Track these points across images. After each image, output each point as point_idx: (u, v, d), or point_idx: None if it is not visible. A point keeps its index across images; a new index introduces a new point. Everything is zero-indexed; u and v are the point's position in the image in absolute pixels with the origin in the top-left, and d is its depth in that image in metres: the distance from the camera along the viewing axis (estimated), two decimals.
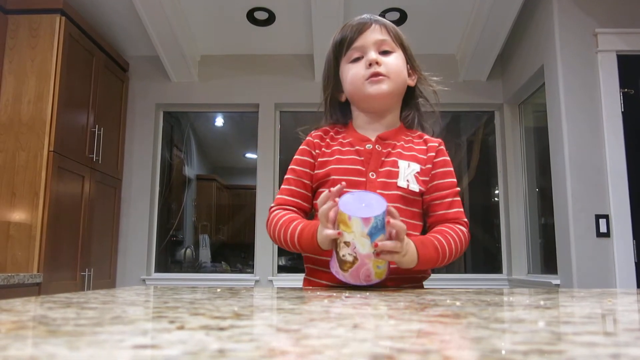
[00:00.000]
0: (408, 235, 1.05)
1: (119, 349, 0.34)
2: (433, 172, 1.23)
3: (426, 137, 1.29)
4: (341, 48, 1.24)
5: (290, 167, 1.28)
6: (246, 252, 4.41)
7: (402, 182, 1.18)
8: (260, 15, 3.74)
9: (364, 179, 1.18)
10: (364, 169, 1.19)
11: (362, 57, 1.22)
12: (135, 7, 3.40)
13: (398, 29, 1.27)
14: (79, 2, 3.53)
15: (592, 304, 0.71)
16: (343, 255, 0.97)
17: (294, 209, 1.23)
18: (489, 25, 3.53)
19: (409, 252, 1.03)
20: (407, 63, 1.27)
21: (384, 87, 1.20)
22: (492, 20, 3.49)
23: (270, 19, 3.77)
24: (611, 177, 2.93)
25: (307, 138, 1.30)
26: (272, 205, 1.25)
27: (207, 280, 4.20)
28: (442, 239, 1.12)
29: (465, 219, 1.23)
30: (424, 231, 1.25)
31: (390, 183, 1.18)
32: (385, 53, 1.22)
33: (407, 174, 1.19)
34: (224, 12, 3.72)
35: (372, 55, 1.20)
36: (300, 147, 1.30)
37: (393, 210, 0.98)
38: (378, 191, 1.16)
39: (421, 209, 1.24)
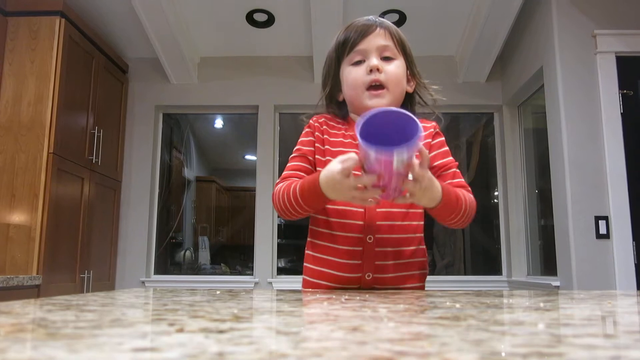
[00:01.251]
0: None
1: (118, 352, 0.34)
2: (432, 153, 1.24)
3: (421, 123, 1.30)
4: (344, 49, 1.25)
5: (296, 147, 1.29)
6: (245, 254, 4.41)
7: None
8: (260, 17, 3.74)
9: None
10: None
11: (364, 60, 1.22)
12: (135, 9, 3.40)
13: (402, 34, 1.27)
14: (79, 4, 3.54)
15: (592, 306, 0.71)
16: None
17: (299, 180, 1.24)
18: (488, 26, 3.54)
19: (433, 187, 1.02)
20: (408, 69, 1.27)
21: (383, 101, 1.21)
22: (491, 21, 3.49)
23: (270, 20, 3.78)
24: (611, 178, 2.93)
25: (309, 121, 1.32)
26: (278, 180, 1.26)
27: (206, 282, 4.19)
28: (462, 195, 1.13)
29: (469, 188, 1.23)
30: (427, 218, 1.25)
31: None
32: (386, 59, 1.22)
33: None
34: (223, 14, 3.72)
35: (374, 61, 1.20)
36: (304, 130, 1.32)
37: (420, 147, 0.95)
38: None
39: (419, 209, 1.24)
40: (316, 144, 1.27)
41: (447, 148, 1.28)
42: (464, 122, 4.64)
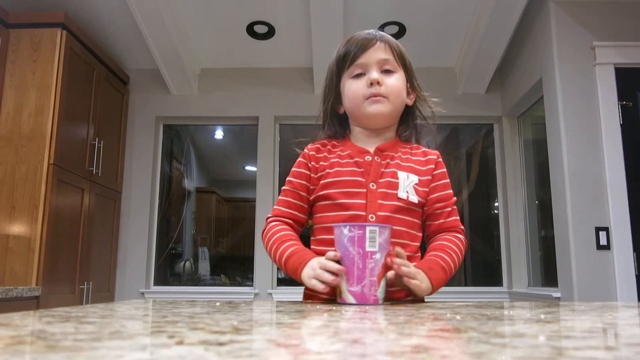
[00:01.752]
0: (409, 258, 1.09)
1: None
2: (433, 184, 1.26)
3: (424, 148, 1.31)
4: (344, 62, 1.25)
5: (287, 179, 1.30)
6: (245, 264, 4.40)
7: (402, 194, 1.20)
8: (260, 29, 3.76)
9: (364, 190, 1.19)
10: (364, 180, 1.21)
11: (364, 74, 1.23)
12: (136, 20, 3.42)
13: (402, 47, 1.28)
14: (80, 16, 3.56)
15: (593, 317, 0.71)
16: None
17: (290, 221, 1.26)
18: (487, 38, 3.56)
19: (423, 281, 1.08)
20: (407, 82, 1.28)
21: (382, 108, 1.22)
22: (491, 33, 3.51)
23: (270, 32, 3.80)
24: (611, 189, 2.93)
25: (304, 151, 1.31)
26: (269, 215, 1.28)
27: (206, 294, 4.18)
28: (444, 255, 1.17)
29: (462, 227, 1.28)
30: (422, 241, 1.27)
31: (391, 194, 1.19)
32: (386, 72, 1.23)
33: (407, 185, 1.21)
34: (224, 26, 3.74)
35: (374, 74, 1.21)
36: (297, 159, 1.31)
37: (399, 251, 1.06)
38: (379, 201, 1.18)
39: (420, 219, 1.26)
40: (312, 175, 1.27)
41: (447, 180, 1.29)
42: (464, 133, 4.65)
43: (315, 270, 1.04)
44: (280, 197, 1.29)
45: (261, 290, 3.95)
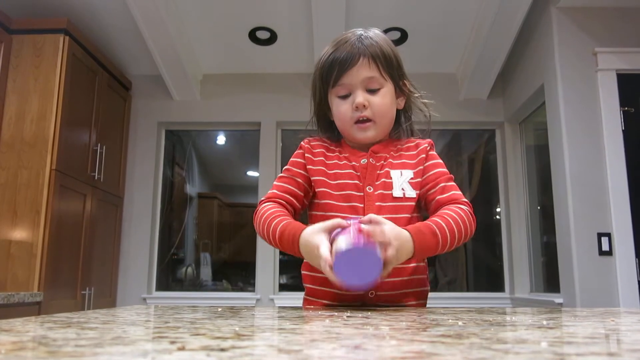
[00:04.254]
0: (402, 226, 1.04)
1: None
2: (423, 167, 1.24)
3: (417, 141, 1.29)
4: (329, 79, 1.23)
5: (285, 167, 1.30)
6: (247, 270, 4.39)
7: (397, 192, 1.19)
8: (262, 35, 3.78)
9: (361, 194, 1.19)
10: (361, 184, 1.20)
11: (350, 94, 1.21)
12: (139, 26, 3.43)
13: (387, 51, 1.23)
14: (83, 22, 3.57)
15: (595, 323, 0.70)
16: None
17: (285, 203, 1.23)
18: (489, 44, 3.56)
19: (403, 245, 1.01)
20: (396, 88, 1.26)
21: (369, 134, 1.23)
22: (492, 39, 3.51)
23: (272, 38, 3.81)
24: (613, 195, 2.93)
25: (302, 143, 1.32)
26: (263, 198, 1.25)
27: (208, 299, 4.17)
28: (440, 221, 1.09)
29: (465, 199, 1.20)
30: None
31: (387, 194, 1.19)
32: (372, 91, 1.21)
33: (401, 183, 1.20)
34: (226, 32, 3.75)
35: (359, 98, 1.19)
36: (296, 150, 1.33)
37: (374, 217, 1.01)
38: (376, 204, 1.17)
39: (419, 213, 1.24)
40: (308, 166, 1.26)
41: (439, 161, 1.26)
42: (466, 139, 4.64)
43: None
44: (275, 183, 1.27)
45: (263, 295, 3.94)
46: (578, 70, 3.11)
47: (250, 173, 5.12)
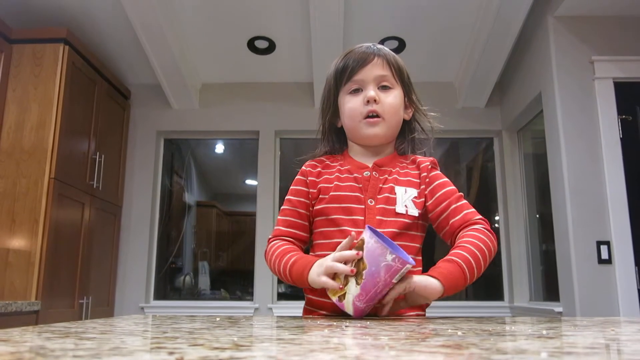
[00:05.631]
0: (413, 272, 1.06)
1: None
2: (429, 189, 1.23)
3: (419, 159, 1.29)
4: (342, 77, 1.25)
5: (286, 198, 1.29)
6: (246, 279, 4.38)
7: (400, 208, 1.19)
8: (261, 44, 3.79)
9: (362, 206, 1.19)
10: (362, 196, 1.20)
11: (362, 90, 1.23)
12: (138, 36, 3.44)
13: (400, 61, 1.28)
14: (83, 32, 3.59)
15: (595, 333, 0.70)
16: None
17: (291, 239, 1.25)
18: (487, 53, 3.58)
19: (427, 285, 1.04)
20: (405, 96, 1.28)
21: (378, 130, 1.23)
22: (490, 48, 3.53)
23: (271, 47, 3.82)
24: (611, 203, 2.93)
25: (302, 167, 1.32)
26: (270, 236, 1.27)
27: (206, 308, 4.16)
28: (464, 253, 1.09)
29: (480, 216, 1.19)
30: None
31: (389, 209, 1.19)
32: (384, 88, 1.23)
33: (405, 200, 1.20)
34: (225, 41, 3.77)
35: (371, 92, 1.21)
36: (295, 177, 1.31)
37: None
38: (377, 217, 1.17)
39: (420, 231, 1.24)
40: (310, 190, 1.26)
41: (445, 180, 1.25)
42: (464, 147, 4.65)
43: (324, 265, 1.03)
44: (279, 217, 1.28)
45: (261, 304, 3.93)
46: (575, 78, 3.13)
47: (249, 182, 5.12)
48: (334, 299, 1.00)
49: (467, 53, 3.83)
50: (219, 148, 5.07)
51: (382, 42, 3.70)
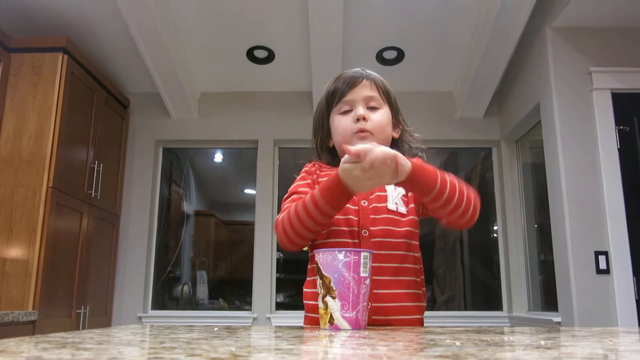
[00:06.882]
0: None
1: None
2: None
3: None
4: (333, 99, 1.32)
5: (292, 189, 1.31)
6: (244, 288, 4.37)
7: (391, 205, 1.25)
8: (260, 54, 3.80)
9: (356, 207, 1.25)
10: (355, 198, 1.25)
11: (352, 110, 1.29)
12: (137, 45, 3.46)
13: (387, 84, 1.35)
14: (82, 41, 3.60)
15: (593, 343, 0.70)
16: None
17: None
18: (485, 63, 3.60)
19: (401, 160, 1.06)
20: (393, 118, 1.34)
21: (368, 143, 1.25)
22: (489, 58, 3.55)
23: (270, 57, 3.84)
24: (609, 213, 2.93)
25: (305, 167, 1.38)
26: (278, 216, 1.25)
27: (204, 318, 4.14)
28: (443, 174, 1.13)
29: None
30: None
31: (381, 207, 1.25)
32: (372, 109, 1.29)
33: (395, 197, 1.27)
34: (224, 51, 3.78)
35: (360, 110, 1.27)
36: (301, 174, 1.36)
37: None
38: (371, 217, 1.23)
39: (414, 227, 1.27)
40: (315, 185, 1.30)
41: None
42: (462, 157, 4.66)
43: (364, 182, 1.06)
44: (285, 203, 1.27)
45: (260, 314, 3.92)
46: (573, 89, 3.14)
47: (248, 191, 5.12)
48: (326, 327, 1.00)
49: (465, 63, 3.85)
50: (218, 157, 5.08)
51: (381, 52, 3.72)
